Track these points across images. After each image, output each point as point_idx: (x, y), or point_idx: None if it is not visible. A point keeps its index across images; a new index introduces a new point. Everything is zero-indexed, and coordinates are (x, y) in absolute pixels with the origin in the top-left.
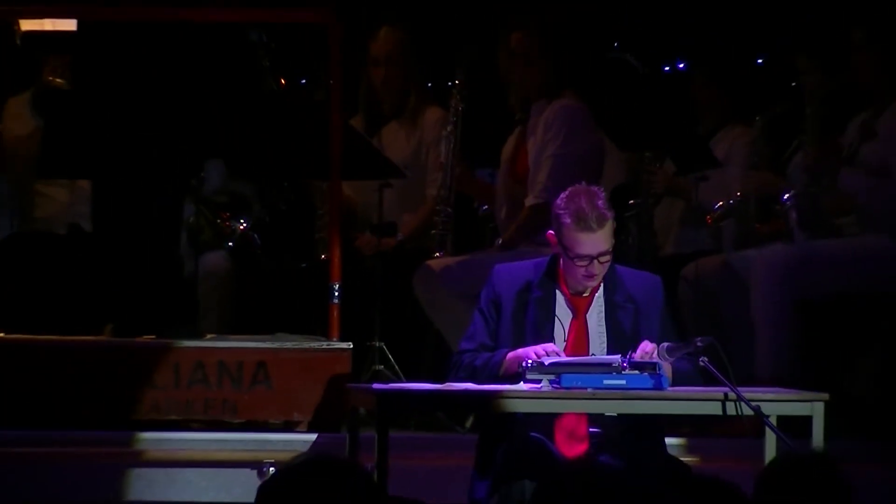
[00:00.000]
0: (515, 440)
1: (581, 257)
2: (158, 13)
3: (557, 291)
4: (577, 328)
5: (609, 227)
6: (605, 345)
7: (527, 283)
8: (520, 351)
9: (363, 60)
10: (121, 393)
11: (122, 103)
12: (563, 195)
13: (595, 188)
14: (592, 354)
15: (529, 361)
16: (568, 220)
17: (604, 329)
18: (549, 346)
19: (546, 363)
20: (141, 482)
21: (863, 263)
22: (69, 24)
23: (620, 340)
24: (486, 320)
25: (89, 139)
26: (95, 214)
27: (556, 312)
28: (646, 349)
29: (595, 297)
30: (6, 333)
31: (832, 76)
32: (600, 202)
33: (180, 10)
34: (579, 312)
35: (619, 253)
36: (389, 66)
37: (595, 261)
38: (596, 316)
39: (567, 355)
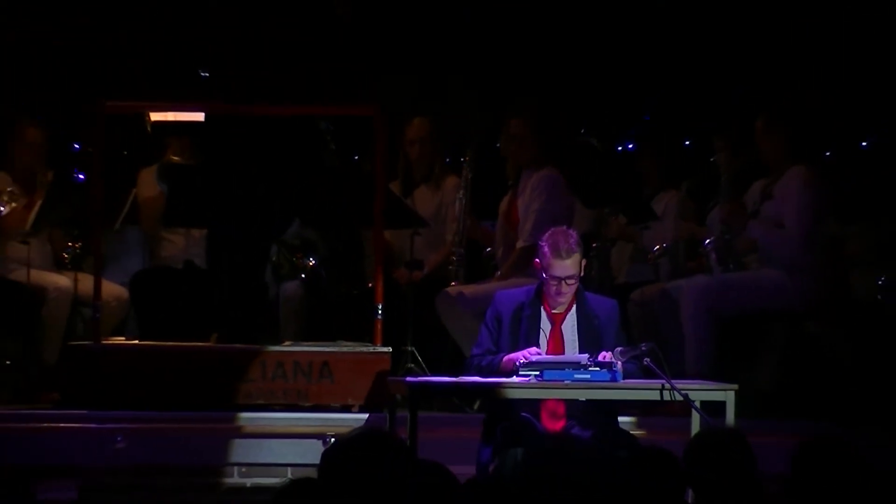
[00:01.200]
0: (511, 418)
1: (553, 278)
2: (251, 109)
3: (542, 311)
4: (554, 336)
5: (575, 258)
6: (577, 348)
7: (520, 304)
8: (512, 354)
9: (400, 142)
10: (224, 384)
11: (225, 172)
12: (546, 233)
13: (570, 230)
14: (567, 354)
15: (522, 360)
16: (546, 250)
17: (576, 336)
18: (533, 350)
19: (535, 359)
20: (239, 449)
21: (762, 290)
22: (186, 116)
23: (589, 345)
24: (490, 332)
25: (201, 199)
26: (208, 253)
27: (541, 326)
28: (605, 357)
29: (570, 314)
30: (140, 340)
31: (739, 153)
32: (572, 240)
33: (269, 107)
34: (556, 325)
35: (586, 281)
36: (420, 146)
37: (563, 282)
38: (570, 327)
39: (547, 354)
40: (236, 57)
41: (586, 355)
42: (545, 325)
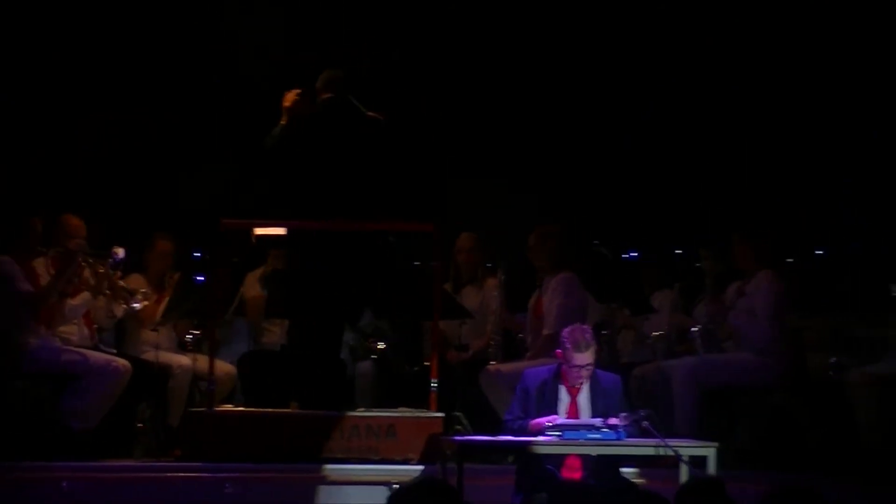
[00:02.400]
0: (537, 469)
1: (575, 366)
2: (333, 225)
3: (560, 385)
4: (572, 405)
5: (592, 350)
6: (590, 414)
7: (544, 380)
8: (537, 419)
9: (451, 251)
10: (311, 442)
11: (314, 275)
12: (567, 329)
13: (586, 327)
14: (582, 419)
15: (548, 423)
16: (568, 345)
17: (589, 405)
18: (553, 417)
19: (557, 423)
20: (322, 494)
21: (738, 368)
22: (275, 230)
23: (599, 411)
24: (520, 402)
25: (294, 297)
26: (290, 339)
27: (560, 397)
28: (612, 421)
29: (584, 387)
30: (245, 407)
31: (719, 261)
32: (588, 336)
33: (347, 223)
34: (573, 397)
35: (598, 360)
36: (467, 255)
37: (582, 369)
38: (585, 398)
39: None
40: (323, 184)
41: (598, 419)
42: (564, 396)
